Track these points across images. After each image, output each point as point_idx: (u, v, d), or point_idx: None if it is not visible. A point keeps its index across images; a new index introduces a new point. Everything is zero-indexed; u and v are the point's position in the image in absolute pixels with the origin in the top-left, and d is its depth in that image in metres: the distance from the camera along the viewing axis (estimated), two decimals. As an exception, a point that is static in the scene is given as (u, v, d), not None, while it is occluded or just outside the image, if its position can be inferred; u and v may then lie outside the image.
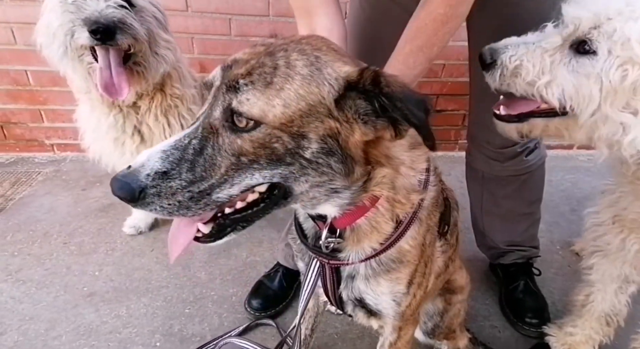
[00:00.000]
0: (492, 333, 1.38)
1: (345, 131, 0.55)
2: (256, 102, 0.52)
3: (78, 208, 1.94)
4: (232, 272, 1.59)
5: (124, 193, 0.52)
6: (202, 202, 0.55)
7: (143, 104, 1.41)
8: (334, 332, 1.35)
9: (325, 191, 0.60)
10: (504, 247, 1.46)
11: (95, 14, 1.13)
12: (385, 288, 0.74)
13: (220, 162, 0.54)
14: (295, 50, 0.56)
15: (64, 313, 1.36)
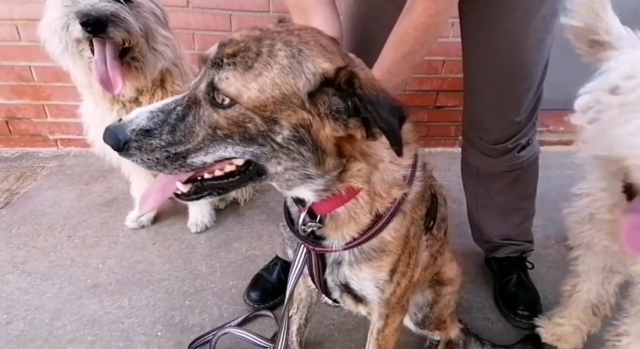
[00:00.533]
0: (485, 324, 1.41)
1: (316, 123, 0.58)
2: (234, 82, 0.55)
3: (81, 202, 1.99)
4: (232, 265, 1.63)
5: (111, 142, 0.58)
6: (177, 163, 0.60)
7: (144, 100, 1.44)
8: (330, 323, 1.38)
9: (300, 175, 0.64)
10: (498, 241, 1.49)
11: (87, 7, 1.16)
12: (368, 275, 0.78)
13: (198, 131, 0.59)
14: (282, 40, 0.58)
15: (68, 304, 1.40)
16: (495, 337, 1.33)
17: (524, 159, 1.33)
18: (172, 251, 1.70)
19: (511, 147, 1.28)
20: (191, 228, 1.81)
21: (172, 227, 1.85)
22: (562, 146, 2.71)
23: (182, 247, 1.73)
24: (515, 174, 1.36)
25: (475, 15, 1.12)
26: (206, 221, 1.83)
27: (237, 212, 1.98)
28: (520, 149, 1.30)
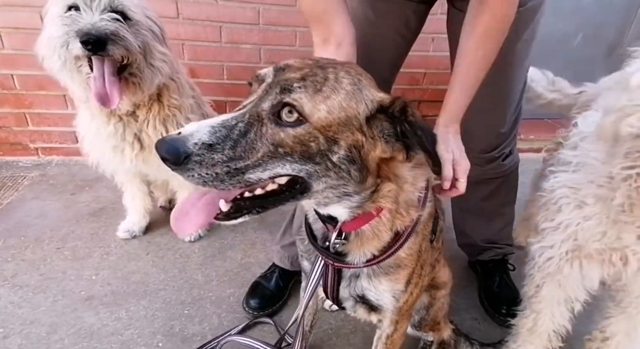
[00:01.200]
0: (473, 324, 1.50)
1: (368, 145, 0.64)
2: (306, 103, 0.59)
3: (68, 213, 1.95)
4: (228, 273, 1.65)
5: (170, 155, 0.56)
6: (236, 179, 0.60)
7: (141, 114, 1.46)
8: (328, 328, 1.43)
9: (338, 193, 0.68)
10: (482, 244, 1.59)
11: (87, 26, 1.17)
12: (386, 287, 0.84)
13: (259, 148, 0.60)
14: (343, 70, 0.65)
15: (63, 317, 1.39)
16: (482, 336, 1.42)
17: (507, 167, 1.44)
18: (166, 260, 1.70)
19: (497, 155, 1.39)
20: (184, 238, 1.82)
21: (165, 236, 1.85)
22: (532, 153, 2.89)
23: (177, 256, 1.73)
24: (500, 181, 1.47)
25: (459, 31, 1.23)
26: (200, 230, 1.84)
27: (229, 221, 2.00)
28: (504, 157, 1.42)
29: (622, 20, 2.88)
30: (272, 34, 2.30)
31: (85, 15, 1.20)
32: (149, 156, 1.53)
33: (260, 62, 2.38)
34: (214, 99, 1.93)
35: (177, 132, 0.58)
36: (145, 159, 1.54)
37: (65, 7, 1.21)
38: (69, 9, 1.21)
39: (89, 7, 1.19)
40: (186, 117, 1.54)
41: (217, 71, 2.38)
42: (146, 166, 1.58)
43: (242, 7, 2.21)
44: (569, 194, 1.00)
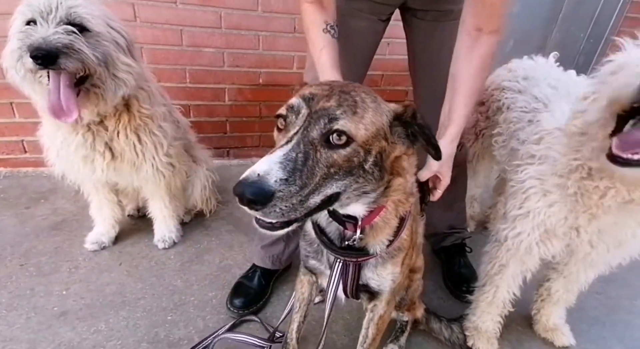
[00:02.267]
0: (439, 303, 1.67)
1: (389, 148, 0.75)
2: (351, 126, 0.68)
3: (26, 227, 1.83)
4: (208, 277, 1.67)
5: (260, 196, 0.59)
6: (304, 206, 0.65)
7: (110, 124, 1.43)
8: (312, 319, 1.49)
9: (358, 193, 0.76)
10: (445, 231, 1.77)
11: (39, 40, 1.14)
12: (390, 271, 0.94)
13: (317, 172, 0.66)
14: (362, 91, 0.74)
15: (40, 334, 1.33)
16: (447, 312, 1.58)
17: (462, 156, 1.63)
18: (141, 269, 1.68)
19: None
20: (158, 245, 1.80)
21: (137, 245, 1.81)
22: None
23: (152, 264, 1.71)
24: (457, 170, 1.64)
25: (421, 38, 1.38)
26: (173, 236, 1.83)
27: (203, 225, 2.00)
28: (460, 147, 1.59)
29: (545, 27, 3.26)
30: (234, 37, 2.32)
31: (40, 29, 1.17)
32: (120, 164, 1.50)
33: (224, 66, 2.39)
34: (177, 103, 1.92)
35: (254, 174, 0.60)
36: (117, 168, 1.51)
37: (23, 21, 1.18)
38: (27, 23, 1.18)
39: (45, 20, 1.17)
40: (158, 126, 1.53)
41: (179, 75, 2.36)
42: (117, 175, 1.55)
43: (203, 11, 2.21)
44: (536, 184, 1.14)
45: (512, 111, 1.44)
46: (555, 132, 1.17)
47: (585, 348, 1.51)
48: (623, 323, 1.66)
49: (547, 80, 1.41)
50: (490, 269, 1.37)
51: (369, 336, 1.11)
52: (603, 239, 1.11)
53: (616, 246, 1.13)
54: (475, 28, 1.05)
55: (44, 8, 1.17)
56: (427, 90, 1.46)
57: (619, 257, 1.19)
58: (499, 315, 1.44)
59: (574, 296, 1.46)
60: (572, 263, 1.32)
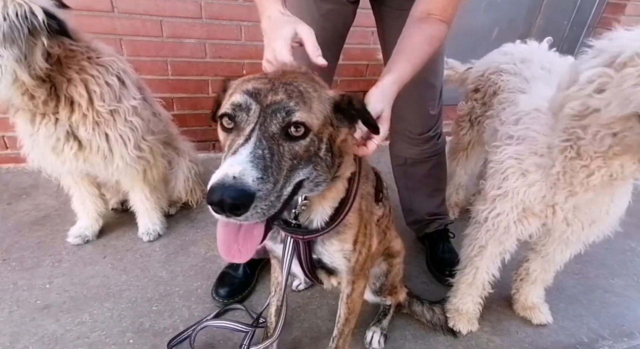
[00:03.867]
0: (422, 287, 1.70)
1: (335, 133, 0.76)
2: (306, 117, 0.68)
3: (8, 223, 1.82)
4: (194, 268, 1.68)
5: (242, 199, 0.56)
6: (279, 200, 0.65)
7: (62, 114, 1.38)
8: (296, 306, 1.53)
9: (313, 185, 0.76)
10: (427, 218, 1.80)
11: None
12: (337, 247, 0.95)
13: (283, 166, 0.66)
14: (301, 80, 0.74)
15: (23, 327, 1.33)
16: (430, 296, 1.61)
17: (440, 145, 1.66)
18: (126, 262, 1.68)
19: (432, 135, 1.59)
20: (143, 237, 1.80)
21: (122, 238, 1.81)
22: None
23: (137, 257, 1.71)
24: (435, 159, 1.67)
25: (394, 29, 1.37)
26: (158, 229, 1.83)
27: (188, 217, 2.00)
28: (438, 137, 1.62)
29: (529, 15, 3.28)
30: (216, 28, 2.30)
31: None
32: (89, 155, 1.47)
33: (206, 57, 2.37)
34: (159, 96, 1.90)
35: (229, 177, 0.57)
36: (87, 159, 1.48)
37: None
38: None
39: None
40: (126, 120, 1.48)
41: (160, 67, 2.33)
42: (89, 166, 1.52)
43: (183, 1, 2.18)
44: (514, 164, 1.16)
45: (503, 92, 1.47)
46: (533, 113, 1.19)
47: (563, 325, 1.56)
48: (599, 300, 1.71)
49: (542, 63, 1.43)
50: (470, 251, 1.40)
51: (341, 316, 1.14)
52: (578, 217, 1.14)
53: (590, 224, 1.16)
54: (427, 12, 1.04)
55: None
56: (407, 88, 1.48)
57: (592, 235, 1.22)
58: (479, 297, 1.48)
59: (551, 275, 1.50)
60: (549, 243, 1.36)
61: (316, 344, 1.40)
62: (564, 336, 1.52)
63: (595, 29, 3.45)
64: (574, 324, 1.58)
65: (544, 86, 1.26)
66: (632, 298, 1.74)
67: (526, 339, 1.49)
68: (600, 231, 1.21)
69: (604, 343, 1.51)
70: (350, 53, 2.58)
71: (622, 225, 1.22)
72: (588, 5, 3.34)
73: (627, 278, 1.86)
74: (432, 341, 1.46)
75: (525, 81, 1.39)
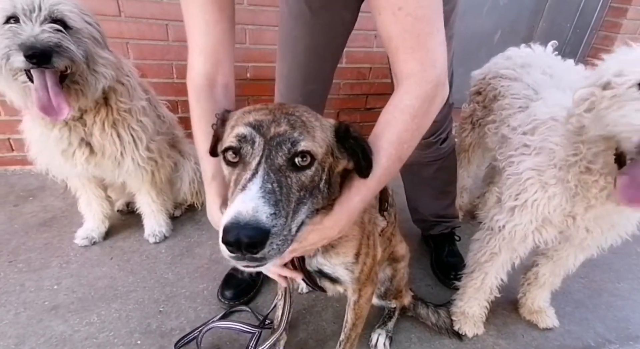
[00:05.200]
0: (427, 290, 1.70)
1: (334, 164, 0.75)
2: (311, 146, 0.68)
3: (14, 225, 1.83)
4: (199, 269, 1.69)
5: (259, 238, 0.55)
6: (291, 233, 0.64)
7: (88, 118, 1.42)
8: (302, 308, 1.54)
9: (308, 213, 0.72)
10: (432, 219, 1.80)
11: (30, 40, 1.14)
12: (336, 260, 0.94)
13: (292, 198, 0.65)
14: (303, 111, 0.74)
15: (30, 328, 1.34)
16: (435, 299, 1.61)
17: (444, 150, 1.64)
18: (133, 263, 1.69)
19: (434, 140, 1.58)
20: (149, 239, 1.81)
21: (128, 240, 1.82)
22: None
23: (143, 258, 1.72)
24: (440, 163, 1.67)
25: None
26: (164, 231, 1.84)
27: (193, 220, 2.01)
28: (441, 142, 1.61)
29: (532, 18, 3.29)
30: (221, 32, 2.31)
31: (26, 28, 1.16)
32: (100, 160, 1.50)
33: (211, 60, 2.38)
34: (165, 99, 1.92)
35: (243, 216, 0.56)
36: (98, 163, 1.51)
37: (3, 18, 1.16)
38: (7, 20, 1.17)
39: (28, 18, 1.16)
40: (138, 120, 1.52)
41: (166, 70, 2.35)
42: (100, 170, 1.55)
43: (189, 5, 2.20)
44: (534, 176, 1.13)
45: (506, 98, 1.46)
46: (549, 122, 1.17)
47: (570, 329, 1.56)
48: (606, 304, 1.71)
49: (542, 68, 1.43)
50: (480, 257, 1.39)
51: (348, 321, 1.14)
52: (599, 224, 1.12)
53: (609, 229, 1.15)
54: (394, 73, 0.88)
55: (26, 6, 1.16)
56: None
57: (610, 239, 1.20)
58: (485, 300, 1.48)
59: (560, 279, 1.49)
60: (565, 248, 1.33)
61: (322, 346, 1.40)
62: (571, 339, 1.52)
63: (597, 32, 3.46)
64: (581, 327, 1.57)
65: (557, 92, 1.26)
66: (637, 302, 1.73)
67: (532, 343, 1.48)
68: (618, 235, 1.19)
69: (610, 347, 1.51)
70: (353, 56, 2.59)
71: (629, 229, 1.21)
72: (590, 9, 3.35)
73: (633, 282, 1.86)
74: (437, 344, 1.46)
75: (528, 87, 1.39)
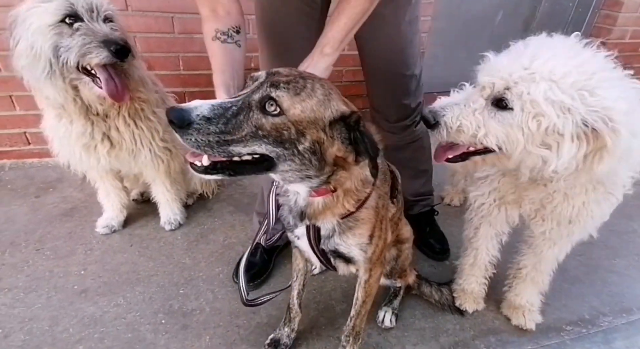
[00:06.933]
0: (430, 270, 1.80)
1: (327, 142, 0.81)
2: (286, 100, 0.75)
3: (38, 215, 1.93)
4: (214, 254, 1.79)
5: (177, 120, 0.71)
6: (222, 148, 0.75)
7: (112, 111, 1.50)
8: (312, 289, 1.64)
9: (300, 175, 0.84)
10: (412, 198, 1.88)
11: (112, 36, 1.27)
12: (352, 241, 1.02)
13: (244, 128, 0.75)
14: (319, 83, 0.80)
15: (62, 310, 1.45)
16: (438, 278, 1.71)
17: (419, 131, 1.70)
18: (152, 249, 1.79)
19: (409, 123, 1.65)
20: (165, 227, 1.91)
21: (145, 228, 1.92)
22: None
23: (161, 245, 1.82)
24: (416, 145, 1.75)
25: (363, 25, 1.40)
26: (179, 218, 1.94)
27: (205, 208, 2.11)
28: (415, 125, 1.67)
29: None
30: (225, 23, 2.34)
31: (97, 25, 1.26)
32: (120, 152, 1.58)
33: (216, 51, 2.43)
34: (172, 91, 1.97)
35: (186, 106, 0.72)
36: (117, 156, 1.59)
37: (59, 16, 1.23)
38: (63, 18, 1.24)
39: (90, 17, 1.25)
40: (152, 111, 1.60)
41: (172, 62, 2.40)
42: (119, 162, 1.64)
43: (193, -3, 2.23)
44: None
45: None
46: None
47: (566, 303, 1.65)
48: (601, 280, 1.79)
49: None
50: (469, 234, 1.49)
51: (358, 298, 1.23)
52: (551, 215, 1.20)
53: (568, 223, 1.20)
54: None
55: (86, 5, 1.25)
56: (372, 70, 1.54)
57: (575, 234, 1.26)
58: (483, 277, 1.56)
59: (544, 277, 1.49)
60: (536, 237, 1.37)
61: (332, 323, 1.50)
62: (567, 313, 1.61)
63: (599, 11, 3.43)
64: (576, 302, 1.66)
65: None
66: (632, 277, 1.82)
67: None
68: (582, 231, 1.25)
69: (604, 319, 1.60)
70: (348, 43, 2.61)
71: (625, 208, 1.23)
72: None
73: (629, 258, 1.94)
74: (440, 319, 1.56)
75: None
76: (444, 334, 1.50)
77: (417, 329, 1.51)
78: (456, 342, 1.47)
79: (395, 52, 1.44)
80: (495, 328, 1.53)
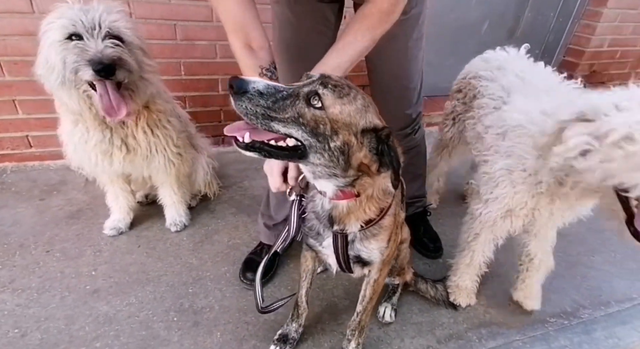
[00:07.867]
0: (425, 267, 1.91)
1: (356, 147, 0.90)
2: (329, 98, 0.85)
3: (45, 218, 1.97)
4: (220, 254, 1.86)
5: (236, 86, 0.81)
6: (265, 121, 0.84)
7: (131, 121, 1.57)
8: (315, 287, 1.72)
9: (328, 172, 0.92)
10: (407, 201, 1.99)
11: (98, 55, 1.29)
12: (374, 246, 1.13)
13: (288, 111, 0.85)
14: (361, 95, 0.90)
15: (77, 310, 1.51)
16: (432, 275, 1.82)
17: (418, 139, 1.84)
18: (159, 250, 1.85)
19: (409, 132, 1.77)
20: (171, 228, 1.97)
21: (151, 229, 1.98)
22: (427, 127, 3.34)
23: (168, 246, 1.89)
24: (415, 151, 1.87)
25: None
26: (184, 220, 2.00)
27: (208, 209, 2.17)
28: (415, 133, 1.81)
29: (518, 8, 3.44)
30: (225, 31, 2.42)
31: (91, 44, 1.30)
32: (135, 158, 1.65)
33: (217, 57, 2.50)
34: (173, 95, 2.02)
35: (246, 77, 0.83)
36: (132, 161, 1.66)
37: (65, 34, 1.29)
38: (69, 36, 1.29)
39: (90, 34, 1.30)
40: (167, 120, 1.68)
41: (174, 68, 2.46)
42: (132, 167, 1.70)
43: (196, 5, 2.30)
44: (505, 174, 1.34)
45: (484, 97, 1.63)
46: (518, 129, 1.35)
47: (549, 297, 1.78)
48: (581, 275, 1.94)
49: (515, 71, 1.59)
50: (467, 237, 1.61)
51: (366, 295, 1.33)
52: (558, 211, 1.34)
53: (567, 212, 1.37)
54: None
55: (88, 24, 1.30)
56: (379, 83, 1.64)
57: (569, 218, 1.42)
58: (476, 275, 1.69)
59: (551, 257, 1.64)
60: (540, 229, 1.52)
61: (335, 319, 1.60)
62: (550, 306, 1.74)
63: (579, 21, 3.63)
64: (558, 296, 1.80)
65: (522, 99, 1.43)
66: (609, 272, 1.97)
67: (517, 310, 1.70)
68: (575, 215, 1.42)
69: (584, 312, 1.74)
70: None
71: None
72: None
73: (606, 255, 2.09)
74: (435, 314, 1.67)
75: (502, 89, 1.55)
76: (440, 327, 1.61)
77: (414, 323, 1.62)
78: (450, 334, 1.58)
79: (401, 66, 1.56)
80: (486, 321, 1.65)
